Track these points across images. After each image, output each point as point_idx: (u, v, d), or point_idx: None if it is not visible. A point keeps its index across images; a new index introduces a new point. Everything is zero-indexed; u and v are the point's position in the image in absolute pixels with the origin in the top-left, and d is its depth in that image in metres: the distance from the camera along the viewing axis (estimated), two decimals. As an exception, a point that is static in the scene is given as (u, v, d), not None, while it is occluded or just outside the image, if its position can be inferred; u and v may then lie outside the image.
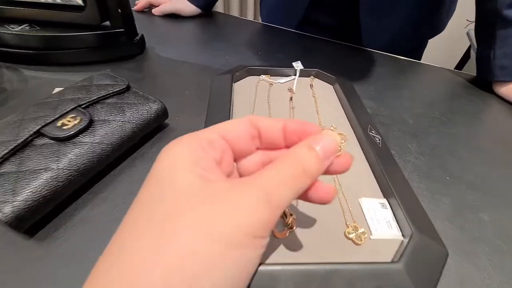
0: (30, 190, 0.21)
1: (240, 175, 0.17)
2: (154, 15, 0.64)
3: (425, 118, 0.39)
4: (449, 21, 0.62)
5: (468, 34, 0.96)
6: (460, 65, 1.11)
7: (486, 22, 0.45)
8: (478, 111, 0.42)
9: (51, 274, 0.20)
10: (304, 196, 0.15)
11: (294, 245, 0.20)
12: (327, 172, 0.15)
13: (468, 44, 1.03)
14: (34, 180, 0.22)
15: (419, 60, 0.56)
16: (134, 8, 0.65)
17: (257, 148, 0.17)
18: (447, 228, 0.25)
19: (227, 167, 0.15)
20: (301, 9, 0.59)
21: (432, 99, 0.44)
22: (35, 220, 0.22)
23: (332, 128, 0.16)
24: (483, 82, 0.48)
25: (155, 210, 0.12)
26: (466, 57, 1.11)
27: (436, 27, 0.60)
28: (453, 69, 0.53)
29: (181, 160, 0.13)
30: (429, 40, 0.66)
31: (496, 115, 0.42)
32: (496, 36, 0.43)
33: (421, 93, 0.45)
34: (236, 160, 0.17)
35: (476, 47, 0.93)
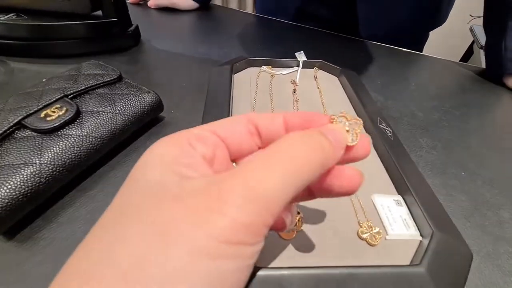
0: (9, 187, 0.19)
1: None
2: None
3: (435, 112, 0.37)
4: (453, 16, 0.60)
5: (471, 29, 0.95)
6: (463, 60, 1.10)
7: (497, 12, 0.43)
8: (490, 104, 0.40)
9: (32, 280, 0.18)
10: (320, 188, 0.13)
11: (302, 247, 0.18)
12: (344, 160, 0.13)
13: (471, 39, 1.01)
14: (13, 176, 0.20)
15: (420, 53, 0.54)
16: (129, 0, 0.62)
17: (259, 147, 0.15)
18: (465, 227, 0.23)
19: (221, 165, 0.13)
20: (296, 0, 0.57)
21: (441, 92, 0.42)
22: (15, 221, 0.20)
23: (342, 113, 0.14)
24: (493, 75, 0.46)
25: (116, 213, 0.10)
26: (469, 52, 1.09)
27: (437, 18, 0.58)
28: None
29: (159, 157, 0.12)
30: (432, 35, 0.64)
31: (508, 108, 0.40)
32: (507, 27, 0.41)
33: (429, 86, 0.43)
34: (236, 160, 0.15)
35: (480, 42, 0.92)
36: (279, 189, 0.10)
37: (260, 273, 0.15)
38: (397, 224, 0.20)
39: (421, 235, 0.19)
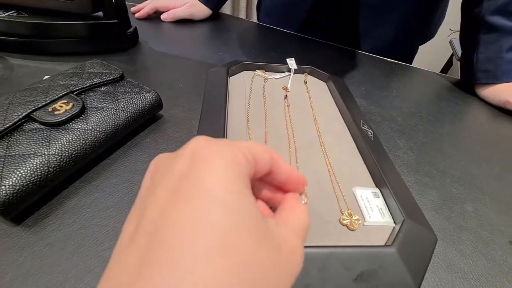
0: (19, 175, 0.21)
1: None
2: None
3: (413, 117, 0.41)
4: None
5: (450, 42, 1.01)
6: (443, 71, 1.17)
7: (471, 27, 0.48)
8: (462, 112, 0.44)
9: (39, 262, 0.19)
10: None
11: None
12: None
13: (451, 52, 1.08)
14: (23, 164, 0.21)
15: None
16: (136, 15, 0.59)
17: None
18: (434, 218, 0.26)
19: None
20: (302, 12, 0.59)
21: (419, 99, 0.46)
22: (24, 207, 0.21)
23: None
24: (467, 86, 0.50)
25: (228, 244, 0.09)
26: (449, 64, 1.17)
27: (429, 33, 0.62)
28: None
29: (236, 184, 0.11)
30: (415, 48, 0.68)
31: (477, 116, 0.45)
32: (479, 41, 0.46)
33: (410, 94, 0.47)
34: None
35: (458, 54, 0.98)
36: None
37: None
38: (374, 212, 0.22)
39: (394, 222, 0.22)
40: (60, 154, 0.23)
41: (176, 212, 0.09)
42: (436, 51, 1.16)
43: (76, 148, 0.24)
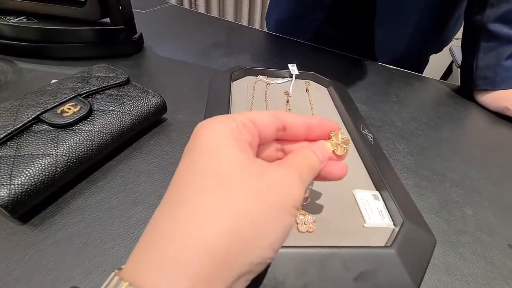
0: (28, 174, 0.21)
1: None
2: (153, 14, 0.64)
3: (413, 122, 0.41)
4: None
5: (450, 50, 1.03)
6: (444, 78, 1.18)
7: (472, 35, 0.49)
8: (461, 117, 0.45)
9: (45, 260, 0.20)
10: (322, 177, 0.18)
11: (292, 232, 0.21)
12: (324, 178, 0.18)
13: (451, 59, 1.09)
14: (32, 164, 0.22)
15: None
16: None
17: (277, 139, 0.18)
18: (434, 221, 0.27)
19: (254, 151, 0.17)
20: (314, 23, 0.60)
21: (419, 105, 0.47)
22: (31, 205, 0.22)
23: (340, 132, 0.19)
24: (466, 92, 0.51)
25: (213, 175, 0.13)
26: (448, 71, 1.18)
27: (441, 43, 0.62)
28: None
29: (224, 137, 0.14)
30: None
31: (476, 121, 0.45)
32: (479, 48, 0.47)
33: (409, 100, 0.48)
34: (258, 146, 0.18)
35: (458, 61, 0.99)
36: (308, 180, 0.16)
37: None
38: (374, 214, 0.23)
39: (393, 224, 0.22)
40: (67, 155, 0.23)
41: (181, 168, 0.14)
42: (436, 58, 1.17)
43: (83, 149, 0.24)
